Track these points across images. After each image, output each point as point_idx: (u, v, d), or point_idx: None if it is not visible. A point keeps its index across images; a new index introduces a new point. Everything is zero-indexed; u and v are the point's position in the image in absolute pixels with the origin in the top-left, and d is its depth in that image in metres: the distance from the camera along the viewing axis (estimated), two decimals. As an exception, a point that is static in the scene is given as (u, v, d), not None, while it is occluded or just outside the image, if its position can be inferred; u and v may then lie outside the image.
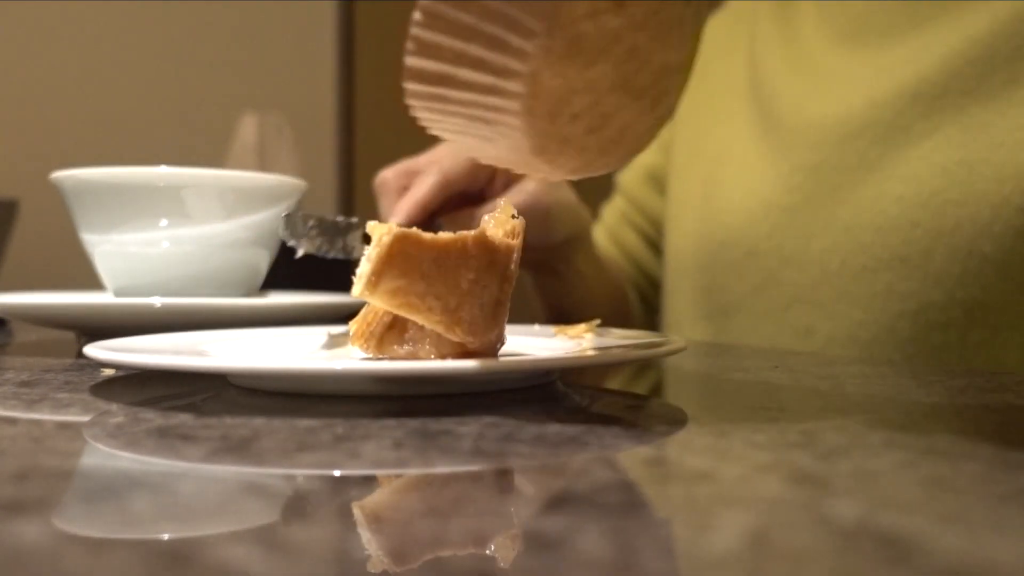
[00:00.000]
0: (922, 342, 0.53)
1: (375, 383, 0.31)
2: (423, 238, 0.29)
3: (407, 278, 0.29)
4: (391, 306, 0.30)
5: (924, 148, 0.53)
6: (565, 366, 0.34)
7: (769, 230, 0.61)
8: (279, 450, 0.23)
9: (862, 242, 0.56)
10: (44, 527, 0.17)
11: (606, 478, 0.21)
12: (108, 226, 0.51)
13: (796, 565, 0.15)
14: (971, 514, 0.18)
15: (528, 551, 0.16)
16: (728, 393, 0.35)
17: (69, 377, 0.37)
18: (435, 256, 0.30)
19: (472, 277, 0.30)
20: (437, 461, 0.22)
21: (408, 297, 0.29)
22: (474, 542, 0.17)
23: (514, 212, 0.33)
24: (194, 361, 0.31)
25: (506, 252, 0.31)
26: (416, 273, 0.29)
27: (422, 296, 0.29)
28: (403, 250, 0.29)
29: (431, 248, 0.29)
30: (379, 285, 0.29)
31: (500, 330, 0.32)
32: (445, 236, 0.30)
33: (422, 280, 0.29)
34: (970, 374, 0.43)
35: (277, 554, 0.15)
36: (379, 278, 0.29)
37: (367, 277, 0.29)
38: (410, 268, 0.29)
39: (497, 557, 0.16)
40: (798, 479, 0.21)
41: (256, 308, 0.48)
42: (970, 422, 0.29)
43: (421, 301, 0.30)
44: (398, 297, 0.29)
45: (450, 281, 0.30)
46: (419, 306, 0.30)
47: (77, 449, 0.24)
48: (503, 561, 0.15)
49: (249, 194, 0.52)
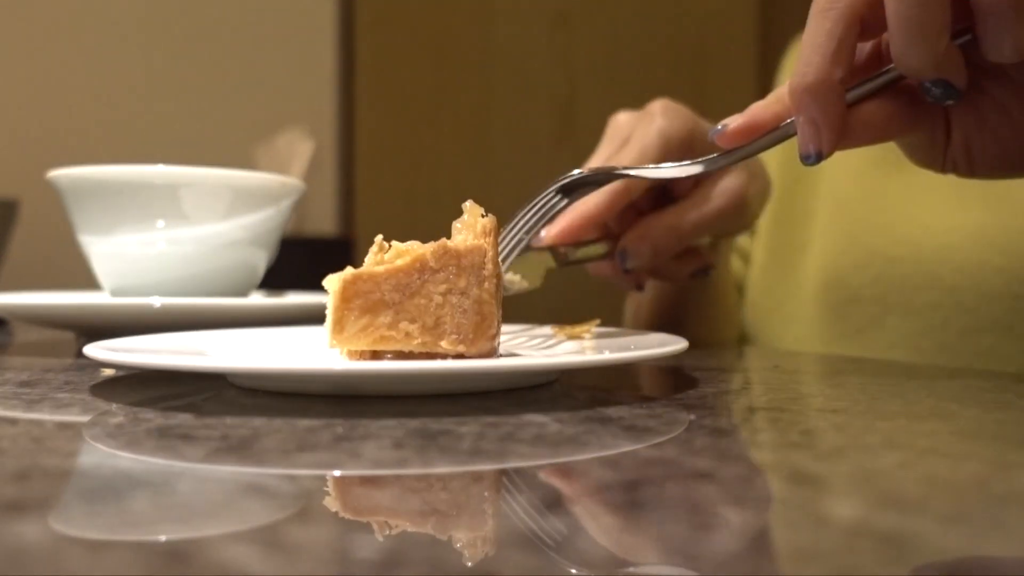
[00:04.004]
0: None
1: (375, 383, 0.31)
2: (375, 271, 0.30)
3: (370, 313, 0.30)
4: (366, 345, 0.30)
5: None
6: (565, 367, 0.34)
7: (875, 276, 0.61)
8: (279, 450, 0.23)
9: (965, 304, 0.56)
10: (44, 527, 0.17)
11: (606, 478, 0.21)
12: (105, 226, 0.51)
13: (796, 565, 0.15)
14: (971, 514, 0.18)
15: (528, 551, 0.16)
16: (728, 393, 0.35)
17: (69, 377, 0.37)
18: (394, 283, 0.30)
19: (443, 289, 0.30)
20: (437, 461, 0.22)
21: (379, 331, 0.30)
22: (474, 542, 0.17)
23: (483, 212, 0.33)
24: (194, 361, 0.31)
25: (474, 252, 0.31)
26: (378, 306, 0.30)
27: (392, 325, 0.30)
28: (357, 290, 0.30)
29: (387, 277, 0.30)
30: (344, 331, 0.30)
31: (495, 330, 0.32)
32: (402, 260, 0.30)
33: (388, 309, 0.30)
34: (970, 375, 0.43)
35: (277, 554, 0.15)
36: (342, 324, 0.30)
37: (331, 327, 0.30)
38: (370, 304, 0.30)
39: (497, 557, 0.16)
40: (798, 479, 0.21)
41: (255, 308, 0.48)
42: (970, 422, 0.29)
43: (394, 331, 0.30)
44: (368, 334, 0.30)
45: (420, 300, 0.30)
46: (394, 336, 0.30)
47: (77, 449, 0.24)
48: (503, 561, 0.15)
49: (247, 194, 0.52)
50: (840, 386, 0.38)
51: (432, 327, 0.30)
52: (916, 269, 0.59)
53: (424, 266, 0.30)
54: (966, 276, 0.57)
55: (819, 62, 0.35)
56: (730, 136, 0.38)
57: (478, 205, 0.33)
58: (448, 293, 0.30)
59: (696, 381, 0.38)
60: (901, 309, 0.60)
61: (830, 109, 0.36)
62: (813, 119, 0.36)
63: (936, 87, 0.35)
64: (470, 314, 0.31)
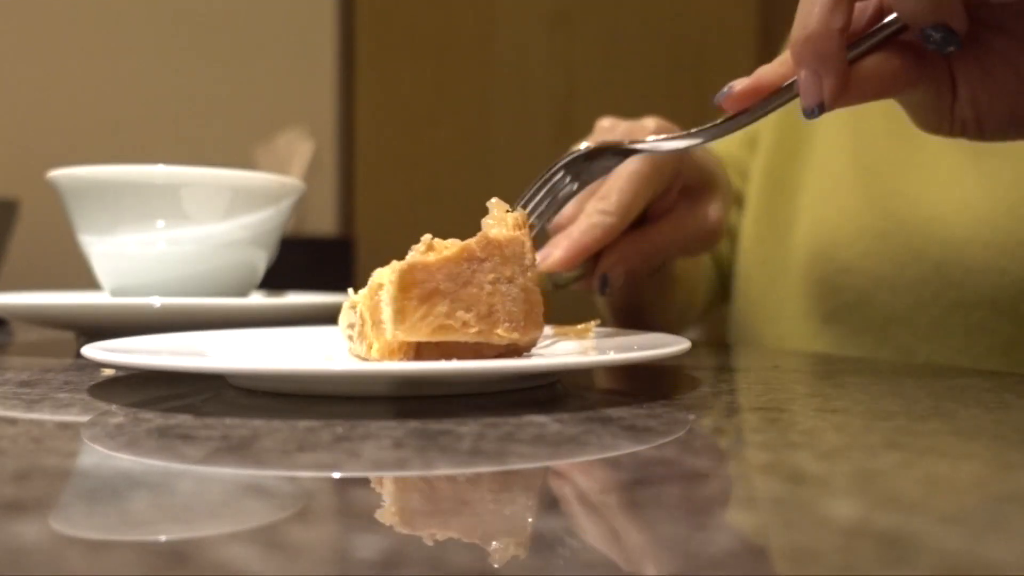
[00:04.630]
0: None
1: (375, 383, 0.31)
2: (428, 260, 0.30)
3: (428, 303, 0.30)
4: (426, 336, 0.30)
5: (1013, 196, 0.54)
6: (566, 367, 0.34)
7: (864, 251, 0.62)
8: (279, 450, 0.23)
9: (952, 279, 0.57)
10: (44, 527, 0.17)
11: (606, 478, 0.21)
12: (105, 226, 0.51)
13: (796, 565, 0.15)
14: (971, 514, 0.18)
15: (528, 551, 0.16)
16: (728, 393, 0.35)
17: (69, 377, 0.37)
18: (447, 272, 0.30)
19: (492, 278, 0.31)
20: (437, 461, 0.22)
21: (437, 320, 0.30)
22: (474, 542, 0.17)
23: (507, 208, 0.33)
24: (194, 362, 0.31)
25: (514, 243, 0.32)
26: (434, 296, 0.30)
27: (450, 315, 0.30)
28: (414, 279, 0.30)
29: (440, 266, 0.30)
30: (406, 320, 0.30)
31: (540, 319, 0.32)
32: (450, 249, 0.30)
33: (444, 299, 0.30)
34: (970, 374, 0.43)
35: (277, 554, 0.15)
36: (403, 314, 0.30)
37: (392, 319, 0.30)
38: (426, 293, 0.30)
39: (497, 557, 0.16)
40: (798, 479, 0.21)
41: (255, 308, 0.48)
42: (970, 422, 0.29)
43: (451, 320, 0.30)
44: (428, 324, 0.30)
45: (472, 289, 0.30)
46: (452, 325, 0.30)
47: (77, 449, 0.24)
48: (503, 561, 0.15)
49: (247, 194, 0.52)
50: (840, 386, 0.38)
51: (486, 315, 0.31)
52: (904, 244, 0.59)
53: (472, 256, 0.31)
54: (952, 250, 0.57)
55: (818, 12, 0.35)
56: (736, 97, 0.39)
57: (503, 202, 0.33)
58: (496, 282, 0.31)
59: (696, 381, 0.38)
60: (889, 284, 0.60)
61: (831, 58, 0.36)
62: (815, 70, 0.36)
63: (936, 31, 0.35)
64: (519, 302, 0.31)
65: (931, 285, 0.58)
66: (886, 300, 0.60)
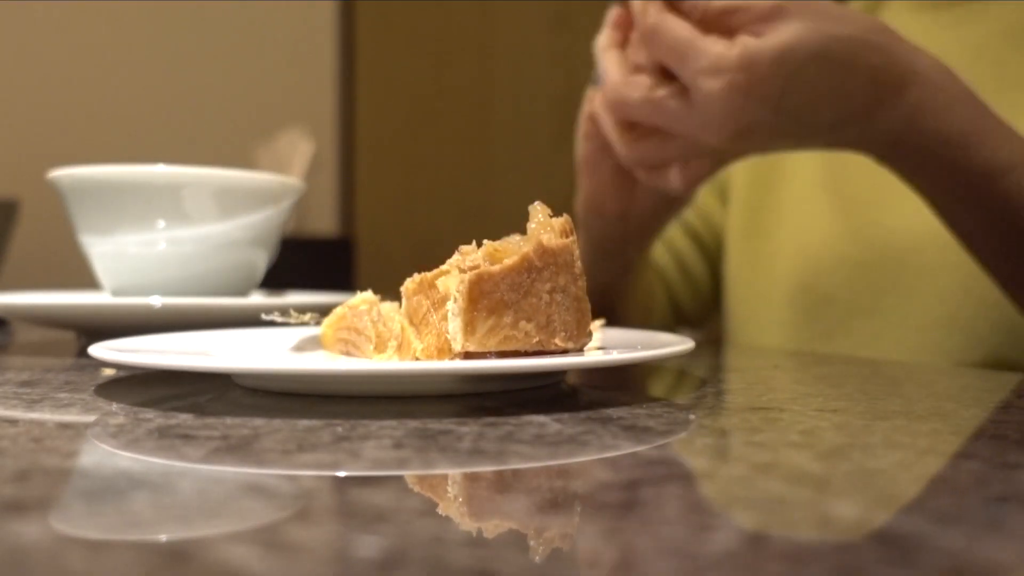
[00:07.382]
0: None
1: (375, 383, 0.31)
2: (492, 271, 0.30)
3: (495, 315, 0.30)
4: (495, 347, 0.30)
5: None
6: (566, 367, 0.34)
7: (844, 281, 0.64)
8: (279, 450, 0.23)
9: (919, 303, 0.59)
10: (44, 527, 0.17)
11: (606, 478, 0.21)
12: (106, 226, 0.51)
13: (796, 565, 0.15)
14: (971, 514, 0.18)
15: (528, 551, 0.16)
16: (728, 393, 0.35)
17: (70, 377, 0.37)
18: (509, 283, 0.30)
19: (549, 287, 0.31)
20: (437, 461, 0.22)
21: (503, 331, 0.30)
22: (474, 542, 0.17)
23: (549, 212, 0.33)
24: (197, 361, 0.31)
25: (566, 251, 0.32)
26: (500, 306, 0.30)
27: (514, 325, 0.30)
28: (482, 290, 0.30)
29: (504, 276, 0.30)
30: (476, 332, 0.30)
31: (588, 327, 0.33)
32: (510, 259, 0.31)
33: (508, 309, 0.30)
34: (970, 374, 0.43)
35: (277, 554, 0.16)
36: (473, 326, 0.30)
37: (463, 329, 0.30)
38: (493, 304, 0.30)
39: (497, 556, 0.16)
40: (798, 479, 0.21)
41: (255, 308, 0.48)
42: (970, 422, 0.29)
43: (515, 330, 0.30)
44: (495, 335, 0.30)
45: (532, 300, 0.31)
46: (516, 336, 0.30)
47: (77, 449, 0.24)
48: (503, 561, 0.15)
49: (247, 194, 0.52)
50: (840, 386, 0.38)
51: (545, 325, 0.31)
52: (882, 274, 0.62)
53: (531, 265, 0.31)
54: (923, 278, 0.59)
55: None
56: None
57: (544, 205, 0.33)
58: (553, 291, 0.31)
59: (696, 381, 0.38)
60: (866, 312, 0.63)
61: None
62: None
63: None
64: (572, 311, 0.32)
65: (900, 311, 0.61)
66: (860, 327, 0.63)
